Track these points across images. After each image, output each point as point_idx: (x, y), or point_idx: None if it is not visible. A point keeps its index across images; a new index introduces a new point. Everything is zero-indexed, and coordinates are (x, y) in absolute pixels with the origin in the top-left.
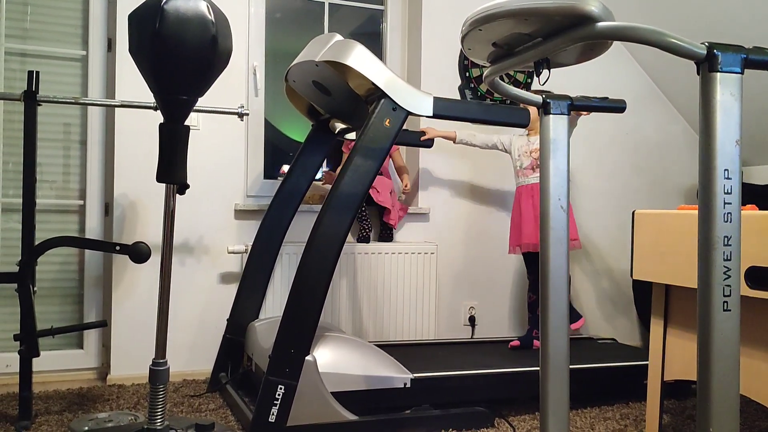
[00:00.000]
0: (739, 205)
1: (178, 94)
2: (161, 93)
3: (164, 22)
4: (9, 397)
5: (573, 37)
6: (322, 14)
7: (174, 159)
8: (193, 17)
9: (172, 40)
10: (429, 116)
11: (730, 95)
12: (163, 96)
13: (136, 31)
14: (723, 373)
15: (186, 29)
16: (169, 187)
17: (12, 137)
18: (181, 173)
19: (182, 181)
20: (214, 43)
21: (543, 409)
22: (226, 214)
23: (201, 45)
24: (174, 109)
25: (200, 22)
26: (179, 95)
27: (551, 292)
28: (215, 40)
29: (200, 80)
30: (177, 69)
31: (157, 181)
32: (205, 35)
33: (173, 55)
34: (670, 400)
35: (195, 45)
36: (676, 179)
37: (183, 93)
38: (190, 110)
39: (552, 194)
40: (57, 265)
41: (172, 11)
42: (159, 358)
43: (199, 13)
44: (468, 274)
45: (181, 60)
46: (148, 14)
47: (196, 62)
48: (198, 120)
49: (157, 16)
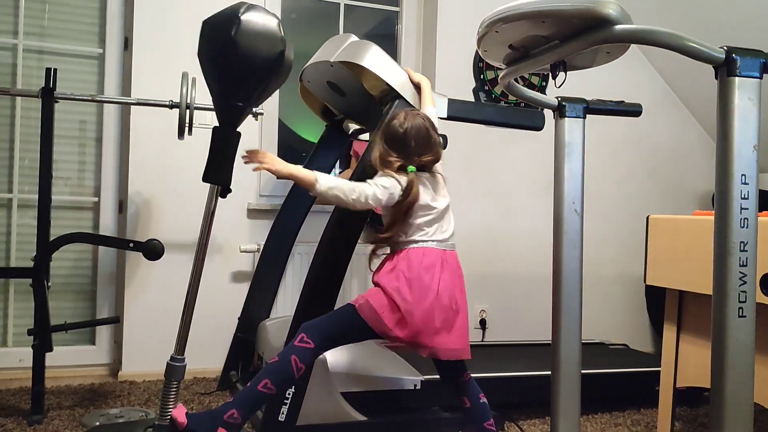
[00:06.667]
0: (756, 210)
1: (239, 101)
2: (223, 98)
3: (239, 31)
4: (22, 392)
5: (590, 40)
6: (337, 15)
7: (223, 162)
8: (265, 31)
9: (245, 50)
10: (443, 118)
11: (748, 100)
12: (224, 101)
13: (210, 37)
14: (737, 381)
15: (258, 41)
16: (213, 188)
17: (29, 134)
18: (227, 176)
19: (227, 184)
20: (280, 58)
21: (554, 414)
22: (238, 213)
23: (269, 58)
24: (231, 115)
25: (271, 36)
26: (239, 102)
27: (564, 297)
28: (282, 54)
29: (261, 91)
30: (243, 77)
31: (203, 180)
32: (273, 49)
33: (242, 63)
34: (682, 407)
35: (263, 57)
36: (690, 185)
37: (243, 101)
38: (244, 117)
39: (566, 198)
40: (71, 261)
41: (248, 23)
42: (178, 354)
43: (271, 28)
44: (479, 276)
45: (249, 69)
46: (225, 22)
47: (262, 73)
48: (212, 119)
49: (233, 24)
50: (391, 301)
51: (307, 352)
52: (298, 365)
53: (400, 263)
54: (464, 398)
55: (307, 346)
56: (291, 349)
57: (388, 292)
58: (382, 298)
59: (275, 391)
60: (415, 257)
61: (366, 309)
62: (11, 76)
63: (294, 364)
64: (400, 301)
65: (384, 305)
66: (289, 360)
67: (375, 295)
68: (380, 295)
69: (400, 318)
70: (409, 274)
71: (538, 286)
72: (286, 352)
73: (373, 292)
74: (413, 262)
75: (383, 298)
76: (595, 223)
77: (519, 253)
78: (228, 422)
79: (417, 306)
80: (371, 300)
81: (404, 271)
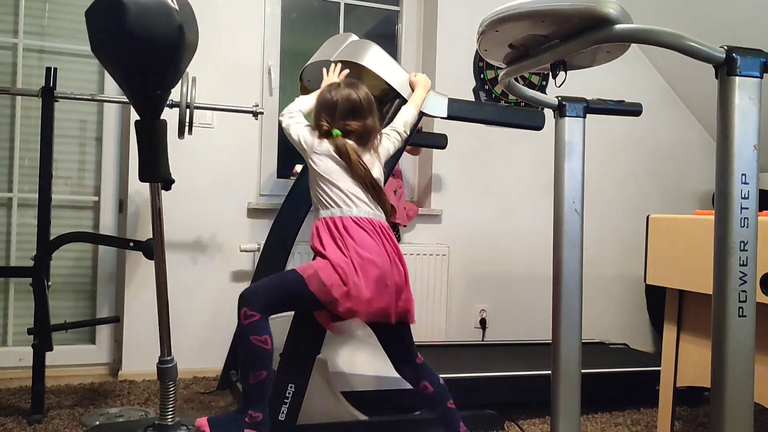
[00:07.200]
0: (756, 210)
1: (150, 89)
2: (132, 90)
3: (127, 16)
4: (22, 391)
5: (590, 40)
6: (337, 14)
7: (155, 156)
8: (156, 7)
9: (137, 35)
10: (444, 117)
11: (748, 99)
12: (135, 93)
13: (97, 28)
14: (737, 381)
15: (150, 20)
16: (154, 186)
17: (29, 133)
18: (164, 169)
19: (166, 178)
20: (180, 33)
21: (554, 413)
22: (238, 212)
23: (167, 36)
24: (148, 105)
25: (164, 12)
26: (151, 90)
27: (564, 296)
28: (181, 29)
29: (170, 72)
30: (145, 64)
31: (139, 180)
32: (170, 25)
33: (140, 50)
34: (682, 406)
35: (161, 36)
36: (690, 184)
37: (155, 88)
38: (164, 103)
39: (566, 197)
40: (71, 260)
41: (133, 3)
42: (165, 356)
43: (162, 2)
44: (480, 276)
45: (149, 54)
46: (109, 8)
47: (165, 55)
48: (213, 118)
49: (118, 9)
50: (339, 275)
51: (257, 324)
52: (260, 340)
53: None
54: (425, 383)
55: (253, 320)
56: (244, 332)
57: (336, 266)
58: (331, 274)
59: (264, 374)
60: (351, 227)
61: (315, 281)
62: (11, 76)
63: (257, 342)
64: (349, 275)
65: (334, 280)
66: (250, 342)
67: (324, 269)
68: (329, 270)
69: (347, 291)
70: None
71: (538, 286)
72: (242, 337)
73: (322, 265)
74: (352, 232)
75: (333, 273)
76: (595, 223)
77: (519, 253)
78: (250, 423)
79: (364, 278)
80: (321, 274)
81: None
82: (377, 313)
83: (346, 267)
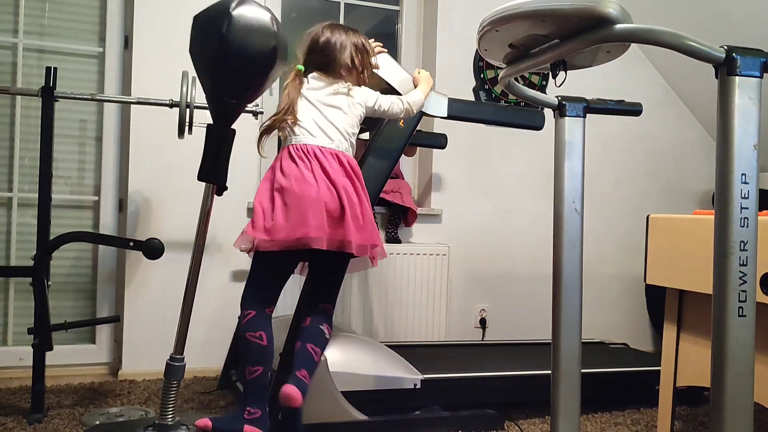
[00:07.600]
0: (756, 210)
1: (232, 98)
2: (216, 95)
3: (231, 27)
4: (22, 390)
5: (590, 39)
6: (337, 14)
7: (218, 160)
8: (258, 26)
9: (236, 45)
10: (443, 117)
11: (748, 99)
12: (217, 98)
13: (201, 33)
14: (737, 380)
15: (250, 36)
16: (209, 187)
17: (29, 133)
18: (223, 175)
19: (222, 182)
20: (274, 53)
21: (554, 413)
22: (239, 212)
23: (262, 53)
24: (225, 112)
25: (264, 31)
26: (233, 99)
27: (564, 296)
28: (275, 50)
29: (255, 87)
30: (236, 74)
31: (198, 179)
32: (266, 44)
33: (235, 59)
34: (682, 406)
35: (256, 52)
36: (690, 184)
37: (237, 97)
38: (238, 114)
39: (566, 197)
40: (71, 260)
41: (239, 18)
42: (177, 354)
43: (264, 23)
44: (480, 276)
45: (242, 65)
46: (216, 17)
47: (255, 69)
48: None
49: (224, 20)
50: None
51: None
52: (255, 336)
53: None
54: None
55: (249, 317)
56: (241, 330)
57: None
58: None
59: (260, 369)
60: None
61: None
62: (11, 75)
63: (252, 339)
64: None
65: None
66: (245, 338)
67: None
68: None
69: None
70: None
71: (538, 285)
72: (240, 335)
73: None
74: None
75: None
76: (595, 223)
77: (519, 252)
78: (249, 419)
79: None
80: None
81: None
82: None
83: (259, 205)
